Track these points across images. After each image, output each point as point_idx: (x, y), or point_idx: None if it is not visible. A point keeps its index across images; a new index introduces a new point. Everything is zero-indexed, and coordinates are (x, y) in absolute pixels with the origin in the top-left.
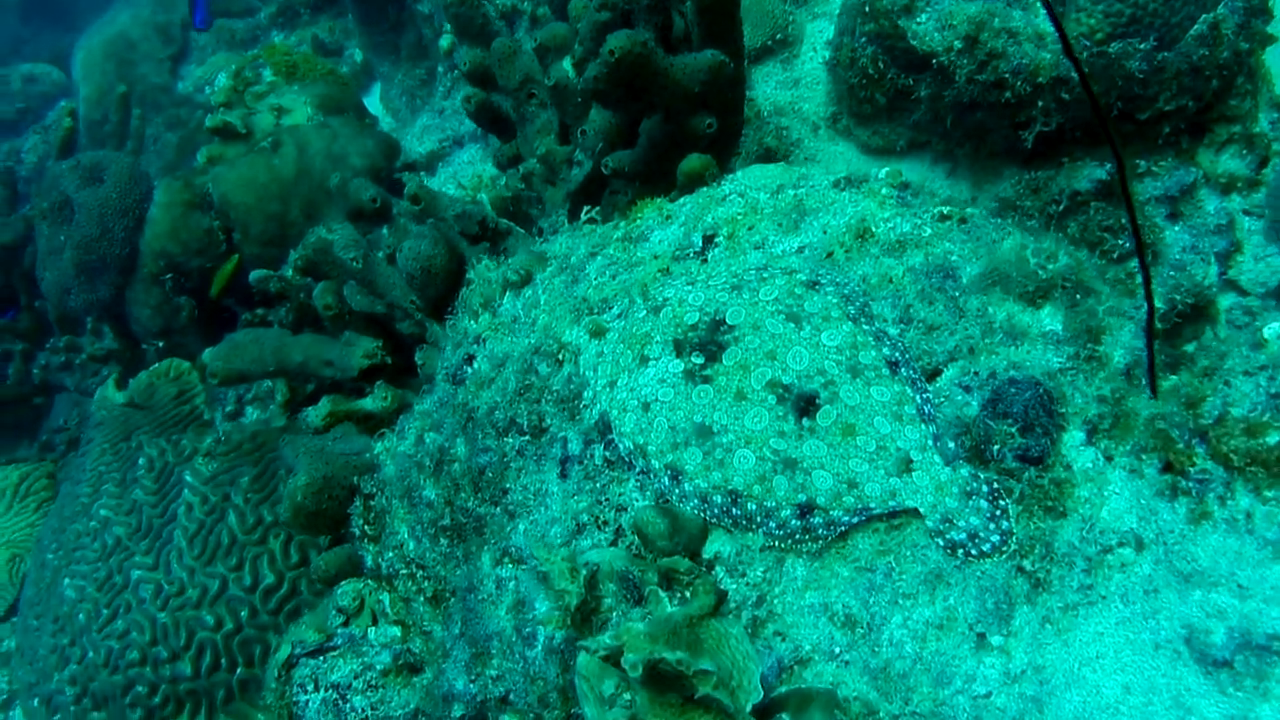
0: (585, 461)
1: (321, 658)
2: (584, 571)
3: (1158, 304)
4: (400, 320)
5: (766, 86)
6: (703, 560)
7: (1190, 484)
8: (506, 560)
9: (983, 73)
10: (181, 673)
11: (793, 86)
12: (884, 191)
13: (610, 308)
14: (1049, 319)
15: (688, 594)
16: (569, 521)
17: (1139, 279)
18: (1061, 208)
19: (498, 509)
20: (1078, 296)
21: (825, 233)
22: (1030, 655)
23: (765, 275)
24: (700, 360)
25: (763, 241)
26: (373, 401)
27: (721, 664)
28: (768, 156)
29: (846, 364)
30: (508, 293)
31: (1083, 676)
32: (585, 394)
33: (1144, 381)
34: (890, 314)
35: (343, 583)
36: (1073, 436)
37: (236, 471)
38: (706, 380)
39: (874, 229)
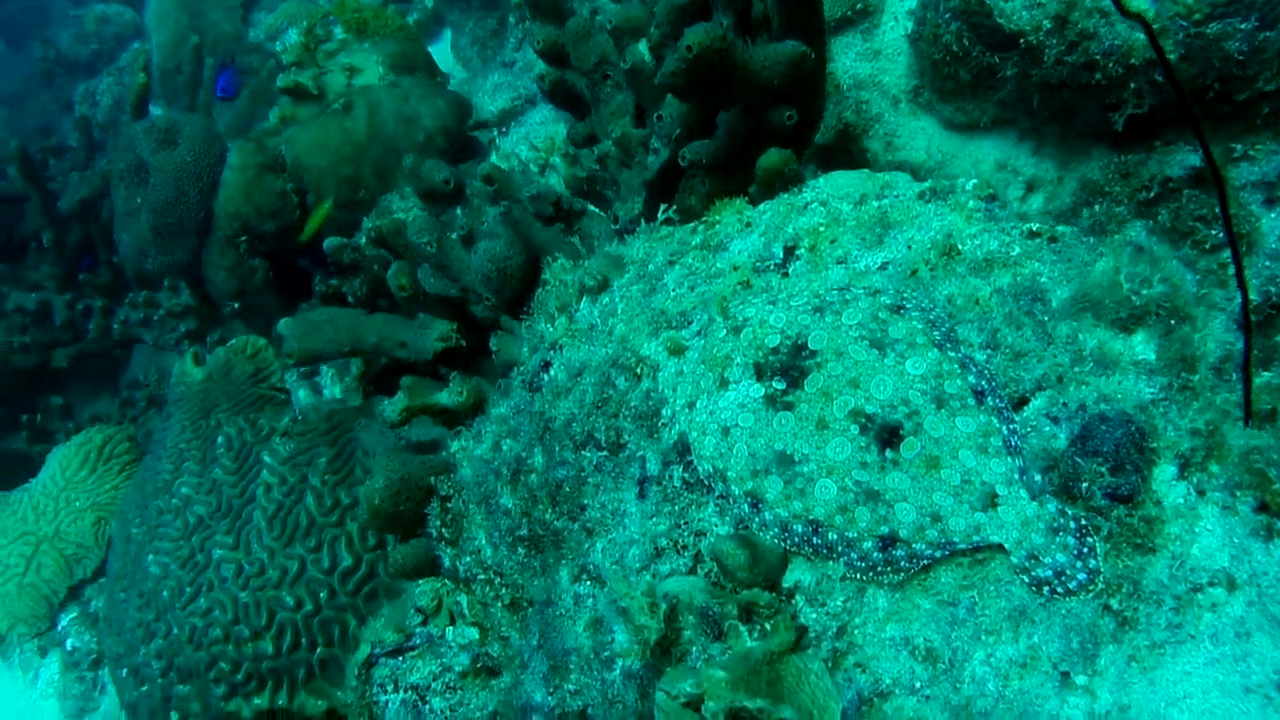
0: (664, 482)
1: (400, 658)
2: (663, 606)
3: (1252, 296)
4: (475, 304)
5: (846, 58)
6: (782, 589)
7: None
8: (585, 577)
9: (1072, 54)
10: (263, 651)
11: (873, 58)
12: (970, 205)
13: (689, 322)
14: (1141, 347)
15: (768, 626)
16: (647, 544)
17: (1232, 271)
18: (1152, 194)
19: (575, 525)
20: (1172, 323)
21: (910, 248)
22: (1115, 695)
23: (848, 297)
24: (781, 386)
25: (845, 256)
26: (449, 396)
27: (801, 703)
28: (846, 133)
29: (931, 394)
30: (584, 298)
31: (1168, 717)
32: (664, 411)
33: (1239, 402)
34: (976, 339)
35: (420, 582)
36: (1164, 471)
37: (314, 452)
38: (788, 407)
39: (960, 246)
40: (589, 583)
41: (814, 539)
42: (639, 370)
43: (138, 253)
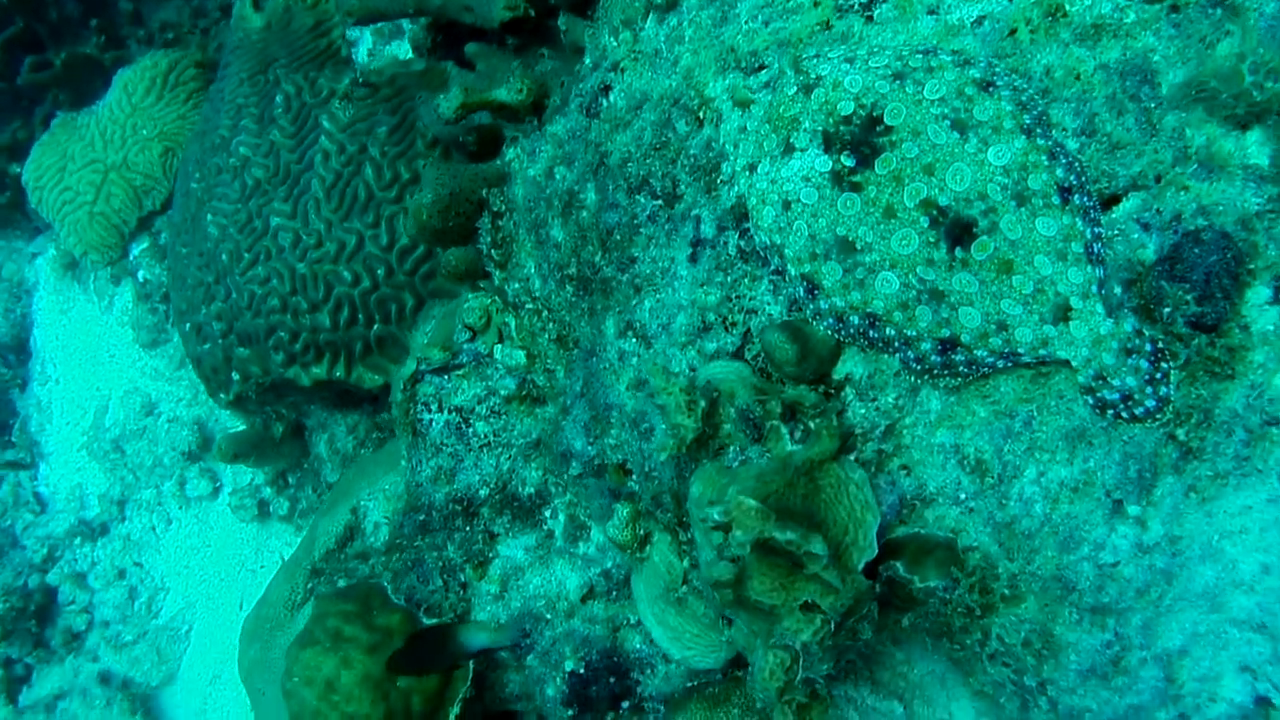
0: (718, 248)
1: (446, 376)
2: (702, 403)
3: None
4: None
5: None
6: (832, 381)
7: None
8: (630, 334)
9: None
10: (321, 324)
11: None
12: None
13: (760, 67)
14: (1255, 149)
15: (812, 425)
16: (695, 315)
17: None
18: None
19: (625, 277)
20: None
21: (1011, 1)
22: (1167, 527)
23: (933, 64)
24: (851, 163)
25: (937, 5)
26: (508, 93)
27: (837, 517)
28: None
29: (1013, 189)
30: (651, 15)
31: (1220, 549)
32: (724, 168)
33: None
34: (1071, 123)
35: (469, 296)
36: (1257, 293)
37: (374, 120)
38: (855, 188)
39: (1068, 5)
40: (634, 340)
41: (870, 332)
42: (702, 114)
43: None
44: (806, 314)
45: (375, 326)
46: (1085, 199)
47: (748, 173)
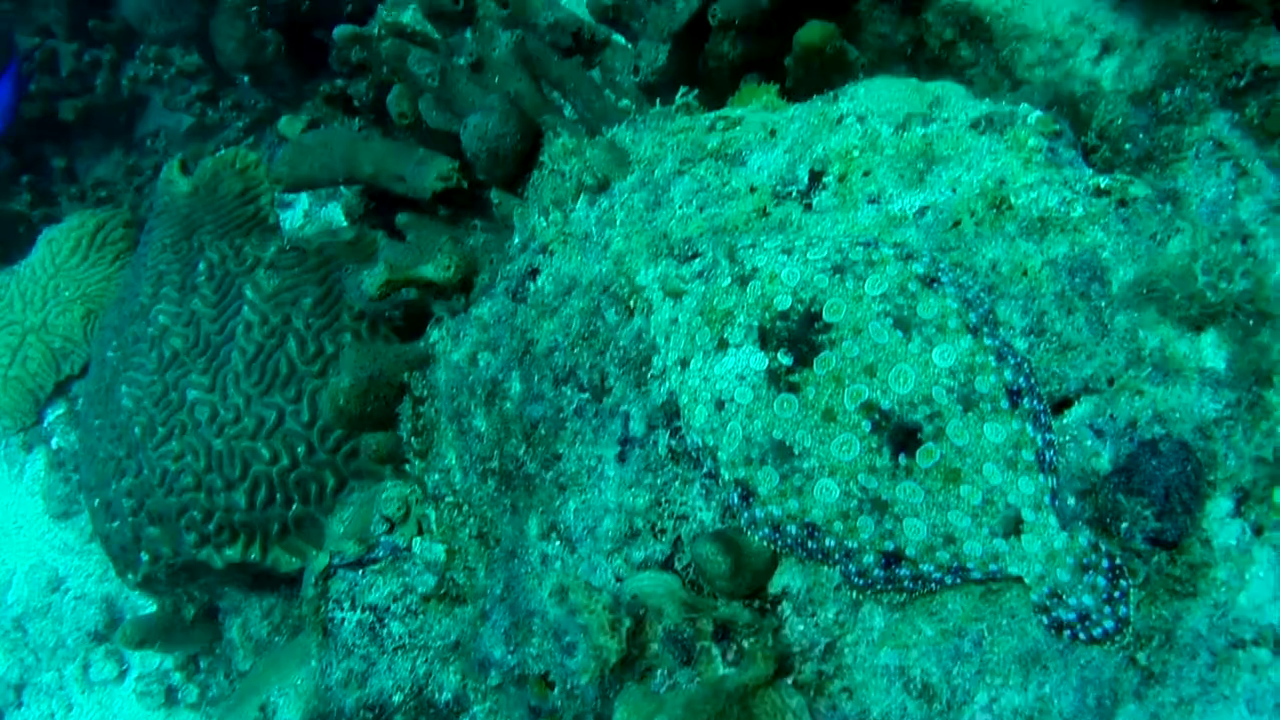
0: (647, 447)
1: (361, 572)
2: (627, 622)
3: None
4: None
5: None
6: (768, 594)
7: None
8: (554, 536)
9: None
10: (236, 503)
11: None
12: (1031, 143)
13: (693, 255)
14: (1211, 352)
15: (746, 645)
16: (623, 520)
17: None
18: (1242, 83)
19: (549, 474)
20: (1251, 324)
21: (954, 192)
22: None
23: (875, 258)
24: (788, 361)
25: (879, 194)
26: (435, 270)
27: None
28: None
29: (959, 392)
30: (582, 197)
31: None
32: (655, 361)
33: None
34: (1019, 322)
35: (388, 485)
36: (1218, 506)
37: (299, 290)
38: (793, 389)
39: (1013, 198)
40: (558, 543)
41: (809, 543)
42: (632, 303)
43: (141, 15)
44: (740, 523)
45: (294, 507)
46: (1035, 403)
47: (679, 368)
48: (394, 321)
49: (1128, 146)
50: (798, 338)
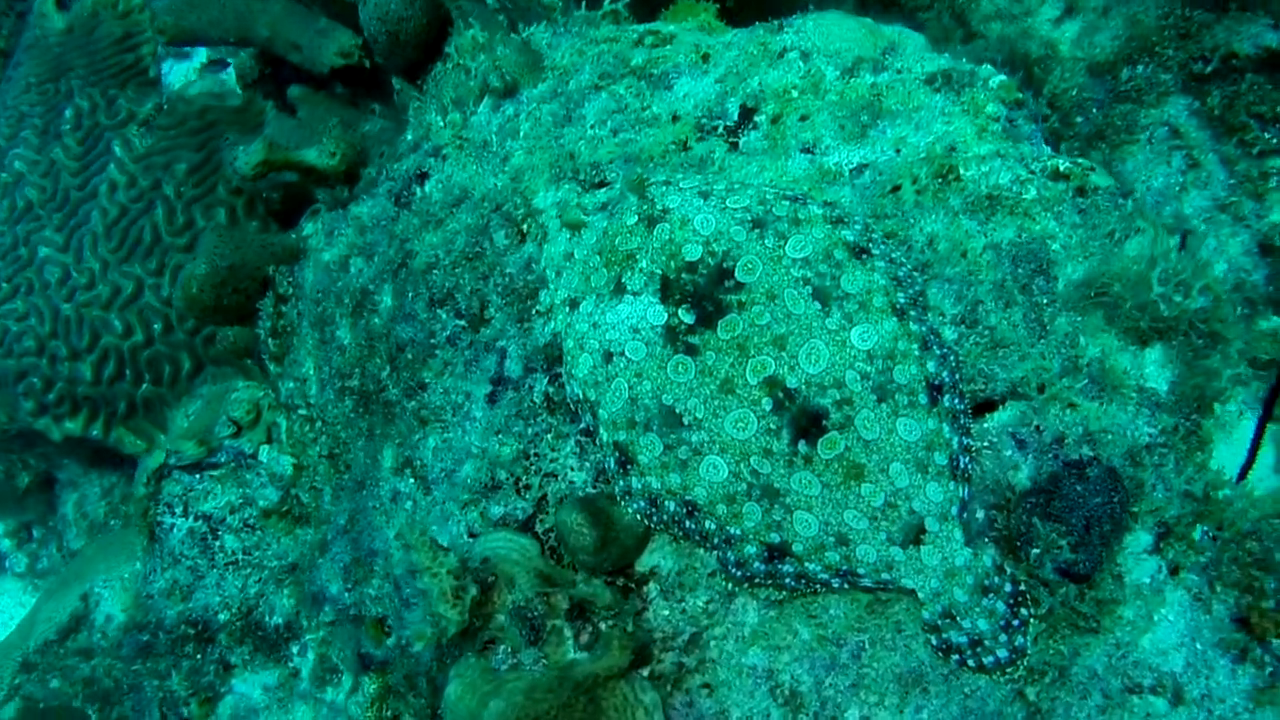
0: (522, 391)
1: (198, 475)
2: (473, 591)
3: None
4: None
5: None
6: (635, 573)
7: (1268, 658)
8: (409, 472)
9: None
10: (81, 375)
11: None
12: (990, 109)
13: (600, 182)
14: (1154, 371)
15: (603, 627)
16: (485, 468)
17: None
18: (1208, 69)
19: (411, 404)
20: (1200, 345)
21: (898, 152)
22: None
23: (802, 216)
24: (690, 319)
25: (814, 143)
26: (318, 155)
27: None
28: None
29: (875, 380)
30: (486, 99)
31: None
32: (542, 296)
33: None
34: (951, 309)
35: (240, 386)
36: (1137, 539)
37: (174, 155)
38: (691, 351)
39: (962, 169)
40: (413, 481)
41: (687, 523)
42: (526, 227)
43: None
44: (615, 490)
45: (144, 387)
46: (957, 401)
47: (568, 308)
48: (272, 204)
49: (1079, 120)
50: (704, 294)
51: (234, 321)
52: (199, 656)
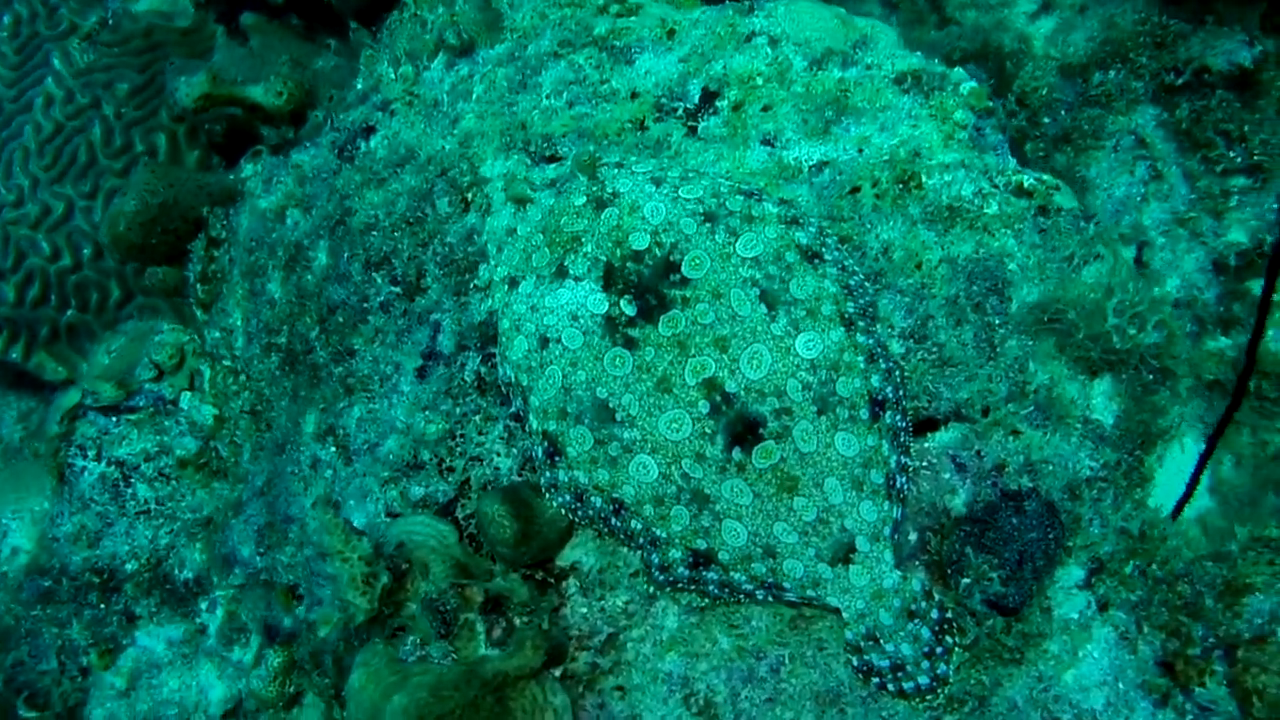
0: (453, 369)
1: (115, 419)
2: (384, 579)
3: None
4: None
5: None
6: (555, 567)
7: (1189, 706)
8: (331, 440)
9: None
10: (3, 295)
11: None
12: (958, 116)
13: (552, 158)
14: (1101, 403)
15: (517, 623)
16: (409, 445)
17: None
18: (1180, 81)
19: (338, 370)
20: (1150, 380)
21: (860, 152)
22: None
23: (755, 213)
24: (631, 312)
25: (775, 135)
26: (265, 93)
27: None
28: None
29: (817, 391)
30: (440, 56)
31: None
32: (481, 271)
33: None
34: (901, 321)
35: (165, 329)
36: (1068, 574)
37: (116, 73)
38: (630, 344)
39: (924, 176)
40: (334, 449)
41: (613, 520)
42: (471, 196)
43: None
44: (540, 481)
45: (69, 313)
46: (899, 419)
47: (506, 286)
48: (215, 136)
49: (1046, 121)
50: (648, 286)
51: (162, 262)
52: (102, 606)
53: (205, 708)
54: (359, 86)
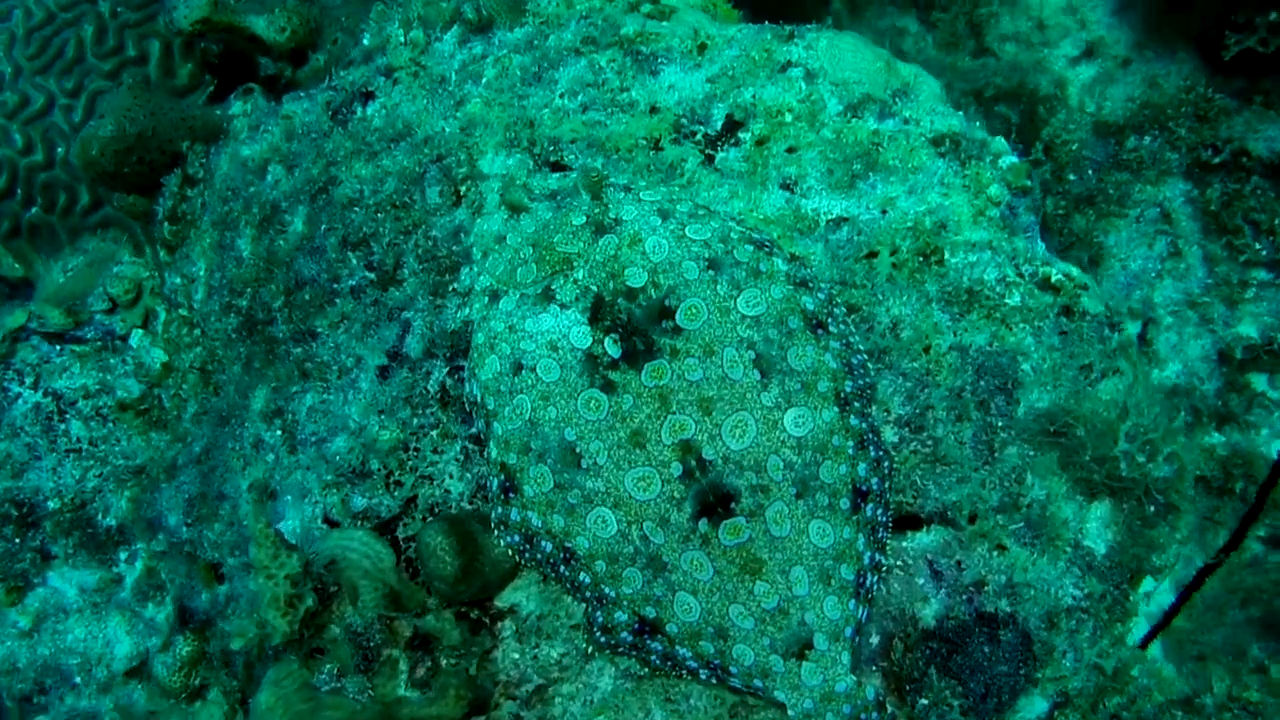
0: (417, 374)
1: (58, 347)
2: (309, 601)
3: None
4: None
5: None
6: (492, 606)
7: None
8: (278, 424)
9: None
10: None
11: None
12: (992, 191)
13: (557, 165)
14: (1095, 529)
15: (443, 663)
16: (358, 450)
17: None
18: (1216, 159)
19: (297, 350)
20: (1151, 513)
21: (884, 214)
22: None
23: (763, 268)
24: (615, 353)
25: (796, 180)
26: (267, 26)
27: None
28: None
29: (800, 472)
30: (455, 29)
31: None
32: (463, 275)
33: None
34: (899, 407)
35: (125, 260)
36: (1031, 705)
37: None
38: (608, 388)
39: (948, 252)
40: (280, 434)
41: (561, 568)
42: (464, 190)
43: None
44: (491, 516)
45: (34, 210)
46: (880, 513)
47: (486, 298)
48: (210, 56)
49: (1072, 178)
50: (637, 328)
51: (132, 192)
52: (17, 540)
53: (109, 662)
54: (365, 42)
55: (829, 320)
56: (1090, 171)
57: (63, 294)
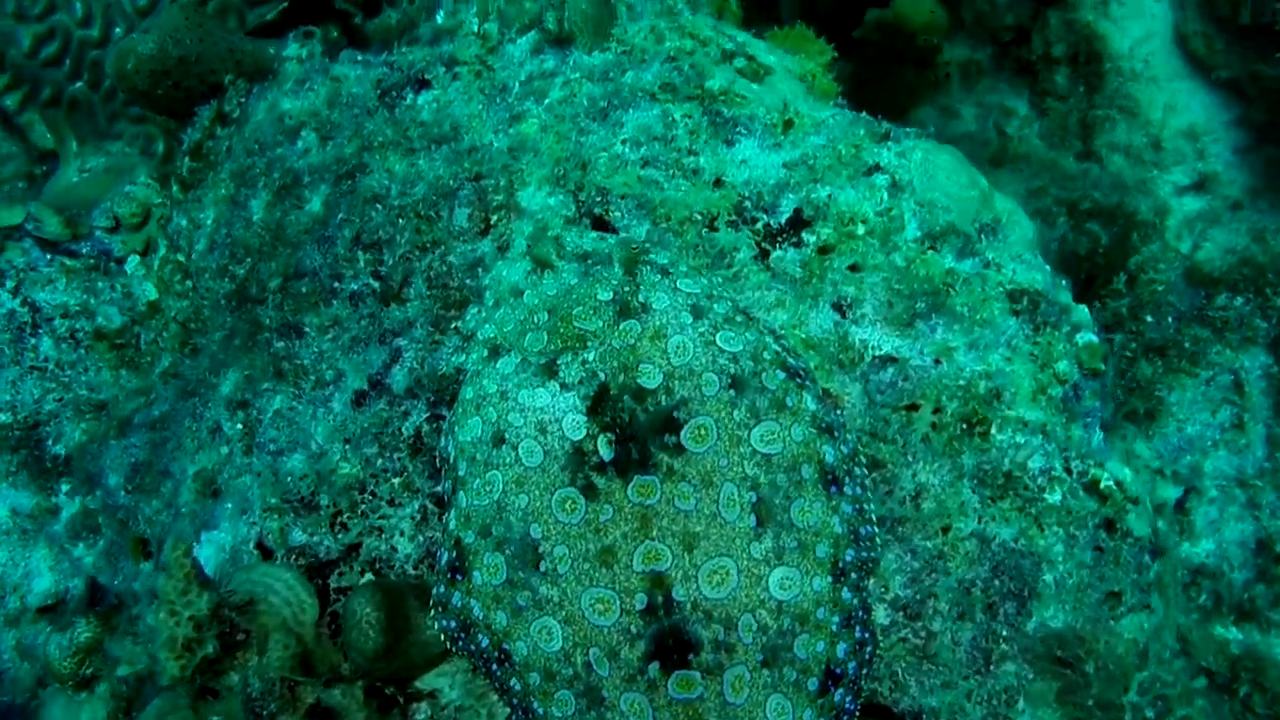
0: (394, 411)
1: (49, 256)
2: (209, 647)
3: None
4: None
5: None
6: (411, 685)
7: None
8: (240, 417)
9: None
10: (17, 39)
11: None
12: (1060, 367)
13: (601, 217)
14: None
15: None
16: (311, 477)
17: None
18: None
19: (279, 344)
20: None
21: (936, 364)
22: None
23: (789, 403)
24: (606, 454)
25: (850, 303)
26: None
27: None
28: None
29: (773, 640)
30: (530, 35)
31: None
32: (468, 315)
33: None
34: (899, 587)
35: (140, 179)
36: None
37: None
38: (589, 492)
39: (996, 428)
40: (240, 428)
41: (495, 668)
42: (495, 218)
43: None
44: (433, 593)
45: (78, 84)
46: (850, 700)
47: (485, 351)
48: None
49: (1149, 319)
50: (636, 435)
51: (163, 113)
52: None
53: (24, 594)
54: (438, 20)
55: (846, 479)
56: (1170, 319)
57: (70, 197)
